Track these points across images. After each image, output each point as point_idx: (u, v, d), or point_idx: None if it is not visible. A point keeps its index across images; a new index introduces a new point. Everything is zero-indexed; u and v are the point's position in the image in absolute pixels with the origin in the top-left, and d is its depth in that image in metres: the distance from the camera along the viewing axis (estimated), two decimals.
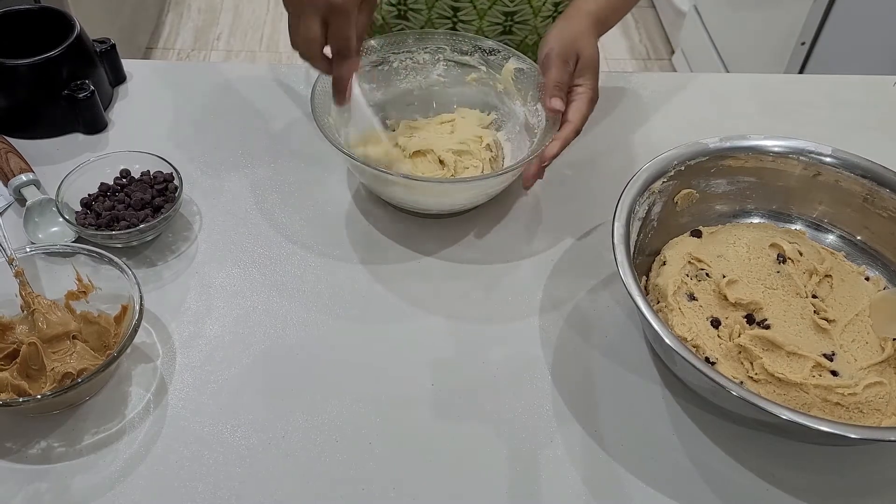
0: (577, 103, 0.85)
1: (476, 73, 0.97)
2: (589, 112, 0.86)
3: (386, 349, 0.79)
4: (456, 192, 0.87)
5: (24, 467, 0.69)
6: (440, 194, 0.87)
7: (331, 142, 0.83)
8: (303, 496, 0.68)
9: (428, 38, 0.97)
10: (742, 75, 1.19)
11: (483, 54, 0.96)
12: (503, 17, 1.02)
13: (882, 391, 0.71)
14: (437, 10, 1.02)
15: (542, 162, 0.82)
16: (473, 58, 0.96)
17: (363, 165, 0.82)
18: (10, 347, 0.73)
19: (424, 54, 0.97)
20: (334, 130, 0.86)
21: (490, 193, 0.88)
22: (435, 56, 0.97)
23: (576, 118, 0.84)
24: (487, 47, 0.95)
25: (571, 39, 0.86)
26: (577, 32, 0.87)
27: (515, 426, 0.73)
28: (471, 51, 0.96)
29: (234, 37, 2.83)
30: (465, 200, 0.89)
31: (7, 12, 0.99)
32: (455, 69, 0.98)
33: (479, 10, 1.01)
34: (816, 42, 2.03)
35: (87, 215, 0.84)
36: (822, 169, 0.85)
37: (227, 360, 0.77)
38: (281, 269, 0.85)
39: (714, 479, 0.71)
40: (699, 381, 0.70)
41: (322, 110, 0.86)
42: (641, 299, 0.69)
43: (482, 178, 0.87)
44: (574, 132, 0.84)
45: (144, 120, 1.02)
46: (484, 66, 0.96)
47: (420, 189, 0.85)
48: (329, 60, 0.77)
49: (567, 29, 0.87)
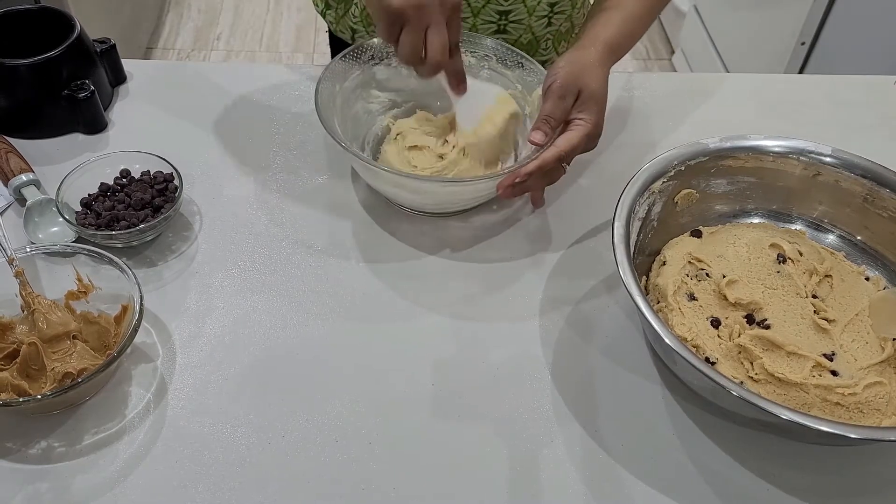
0: (570, 133, 0.83)
1: (513, 91, 0.94)
2: (582, 144, 0.84)
3: (386, 349, 0.79)
4: (456, 191, 0.87)
5: (24, 467, 0.69)
6: (439, 193, 0.86)
7: (333, 137, 0.83)
8: (303, 496, 0.68)
9: (476, 42, 0.96)
10: (742, 75, 1.19)
11: (522, 72, 0.94)
12: (497, 15, 1.02)
13: (882, 391, 0.71)
14: None
15: (515, 176, 0.81)
16: (514, 73, 0.95)
17: (370, 165, 0.82)
18: (10, 347, 0.73)
19: (471, 57, 0.96)
20: (337, 128, 0.86)
21: (488, 194, 0.88)
22: (481, 62, 0.96)
23: (562, 144, 0.83)
24: (528, 66, 0.93)
25: (578, 72, 0.84)
26: (585, 65, 0.85)
27: (515, 426, 0.73)
28: (513, 65, 0.95)
29: (234, 37, 2.83)
30: (463, 201, 0.88)
31: (7, 12, 0.99)
32: (497, 80, 0.96)
33: (474, 8, 1.01)
34: (816, 42, 2.03)
35: (87, 215, 0.84)
36: (822, 169, 0.85)
37: (227, 360, 0.77)
38: (281, 269, 0.85)
39: (714, 479, 0.71)
40: (699, 381, 0.70)
41: (327, 106, 0.86)
42: (641, 299, 0.69)
43: (476, 181, 0.86)
44: (556, 157, 0.82)
45: (144, 120, 1.02)
46: (520, 86, 0.94)
47: (415, 187, 0.84)
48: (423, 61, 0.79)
49: (577, 60, 0.85)
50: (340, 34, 1.12)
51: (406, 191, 0.86)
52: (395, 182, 0.85)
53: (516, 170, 0.82)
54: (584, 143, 0.84)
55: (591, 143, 0.86)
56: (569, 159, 0.84)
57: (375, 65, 0.95)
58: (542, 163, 0.82)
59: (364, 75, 0.95)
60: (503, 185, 0.82)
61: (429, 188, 0.86)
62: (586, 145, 0.85)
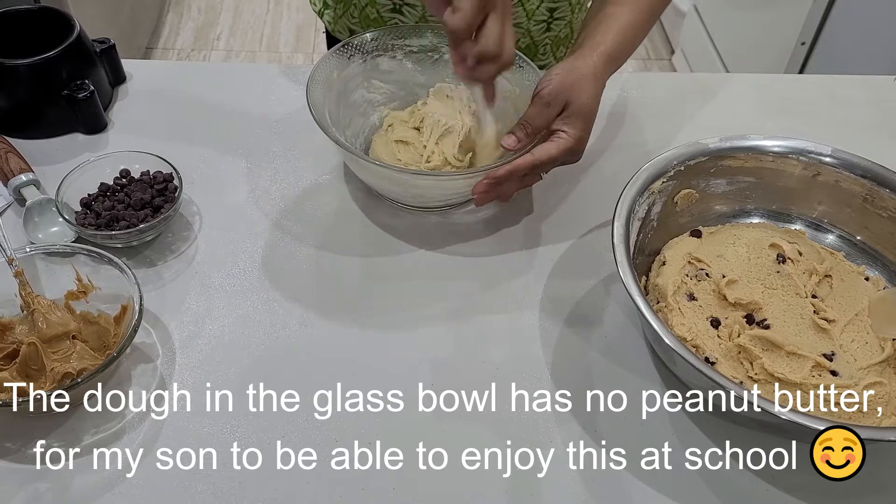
0: (549, 145, 0.81)
1: (510, 93, 0.93)
2: (560, 156, 0.81)
3: (386, 349, 0.79)
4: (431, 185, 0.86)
5: (24, 467, 0.69)
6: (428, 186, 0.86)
7: (326, 133, 0.83)
8: (303, 496, 0.68)
9: None
10: (742, 75, 1.19)
11: (521, 74, 0.92)
12: None
13: (882, 391, 0.71)
14: None
15: (488, 178, 0.80)
16: (513, 76, 0.92)
17: (355, 156, 0.82)
18: (9, 347, 0.73)
19: None
20: (330, 125, 0.86)
21: None
22: None
23: (538, 153, 0.81)
24: (526, 69, 0.92)
25: (570, 83, 0.82)
26: (580, 76, 0.82)
27: (515, 426, 0.73)
28: (515, 68, 0.92)
29: (234, 37, 2.83)
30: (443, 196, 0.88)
31: (7, 12, 0.99)
32: (499, 81, 0.93)
33: None
34: (816, 42, 2.03)
35: (87, 215, 0.84)
36: (822, 169, 0.85)
37: (227, 360, 0.77)
38: (281, 269, 0.85)
39: (714, 479, 0.71)
40: (699, 381, 0.70)
41: (319, 104, 0.86)
42: (641, 299, 0.69)
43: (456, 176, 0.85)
44: (530, 165, 0.80)
45: (144, 120, 1.02)
46: (518, 89, 0.93)
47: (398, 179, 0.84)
48: None
49: (573, 70, 0.83)
50: (338, 34, 1.12)
51: (391, 183, 0.86)
52: (377, 173, 0.85)
53: (489, 172, 0.80)
54: (562, 157, 0.82)
55: (571, 157, 0.84)
56: (545, 169, 0.83)
57: (379, 56, 0.95)
58: (513, 168, 0.80)
59: (367, 65, 0.94)
60: (478, 191, 0.80)
61: (407, 180, 0.85)
62: (566, 159, 0.83)
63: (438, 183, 0.86)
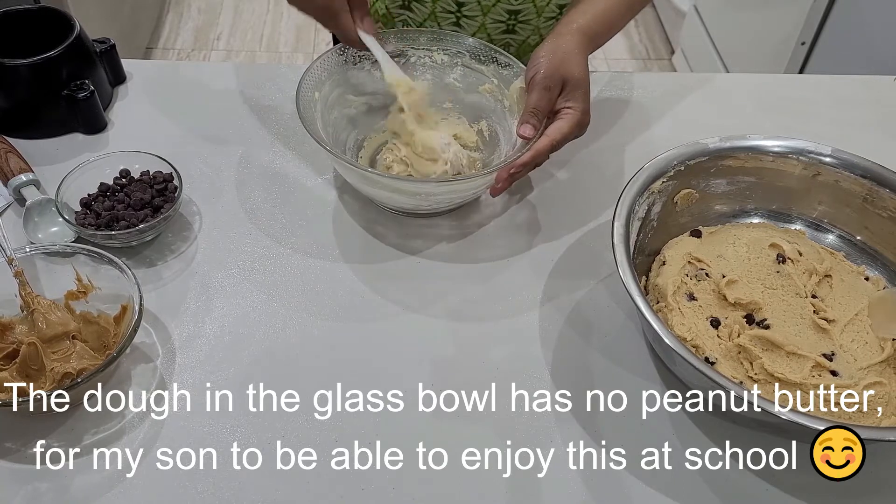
0: (560, 122, 0.84)
1: (489, 85, 0.95)
2: (572, 132, 0.84)
3: (386, 348, 0.79)
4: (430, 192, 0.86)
5: (24, 467, 0.69)
6: (414, 194, 0.86)
7: (316, 140, 0.83)
8: (303, 496, 0.68)
9: (448, 40, 0.96)
10: (742, 75, 1.19)
11: (497, 67, 0.94)
12: (507, 15, 1.02)
13: (882, 391, 0.71)
14: (441, 4, 1.02)
15: (510, 168, 0.81)
16: (489, 68, 0.95)
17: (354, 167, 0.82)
18: (9, 347, 0.73)
19: (443, 55, 0.96)
20: (321, 132, 0.86)
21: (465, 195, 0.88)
22: (454, 59, 0.96)
23: (553, 133, 0.83)
24: (503, 61, 0.93)
25: (559, 62, 0.84)
26: (565, 53, 0.85)
27: (515, 426, 0.73)
28: (487, 60, 0.95)
29: (234, 37, 2.83)
30: (436, 201, 0.88)
31: (7, 12, 0.99)
32: (471, 76, 0.96)
33: (484, 7, 1.01)
34: (816, 42, 2.03)
35: (87, 215, 0.84)
36: (822, 169, 0.85)
37: (227, 360, 0.77)
38: (280, 269, 0.85)
39: (714, 479, 0.71)
40: (699, 381, 0.70)
41: (308, 111, 0.86)
42: (641, 299, 0.69)
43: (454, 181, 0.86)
44: (549, 146, 0.83)
45: (144, 120, 1.02)
46: (496, 80, 0.94)
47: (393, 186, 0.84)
48: None
49: (557, 50, 0.86)
50: None
51: (387, 191, 0.86)
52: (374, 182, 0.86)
53: (511, 163, 0.82)
54: (574, 132, 0.85)
55: (580, 130, 0.86)
56: (559, 147, 0.85)
57: (349, 70, 0.95)
58: (535, 154, 0.82)
59: (339, 81, 0.94)
60: (500, 178, 0.82)
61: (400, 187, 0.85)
62: (576, 133, 0.86)
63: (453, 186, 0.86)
